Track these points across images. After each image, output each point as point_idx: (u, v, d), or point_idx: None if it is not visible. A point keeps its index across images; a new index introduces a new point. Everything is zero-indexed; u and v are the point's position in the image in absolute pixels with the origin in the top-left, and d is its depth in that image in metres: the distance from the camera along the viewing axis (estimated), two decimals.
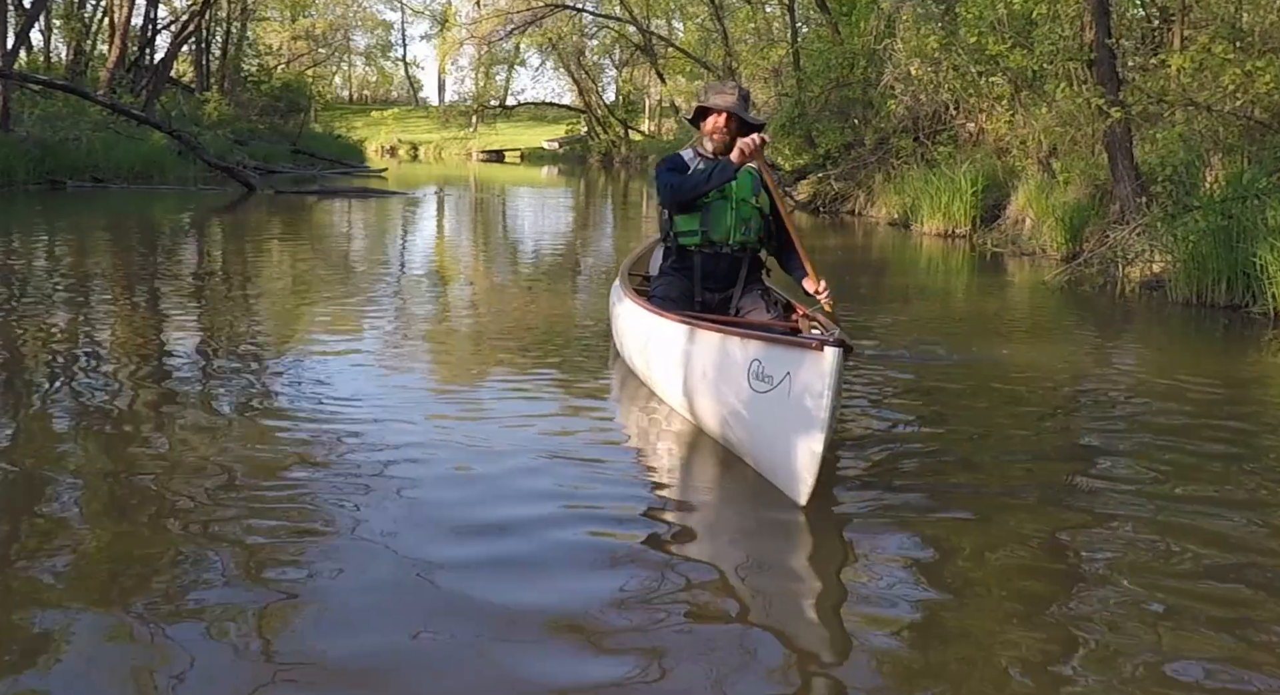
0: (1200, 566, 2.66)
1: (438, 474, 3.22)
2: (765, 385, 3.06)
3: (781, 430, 2.98)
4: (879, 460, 3.51)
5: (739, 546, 2.84)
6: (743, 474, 3.27)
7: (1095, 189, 9.73)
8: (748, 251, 4.33)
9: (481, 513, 2.92)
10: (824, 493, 3.12)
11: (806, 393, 2.87)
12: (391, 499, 2.98)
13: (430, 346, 5.42)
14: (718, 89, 4.38)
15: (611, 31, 37.61)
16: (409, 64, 68.55)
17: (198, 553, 2.58)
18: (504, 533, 2.78)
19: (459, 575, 2.50)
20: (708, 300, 4.33)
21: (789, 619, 2.38)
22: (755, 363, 3.13)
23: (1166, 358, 5.67)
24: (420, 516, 2.87)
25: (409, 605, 2.35)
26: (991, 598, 2.48)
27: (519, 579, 2.51)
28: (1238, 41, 9.16)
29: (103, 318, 5.92)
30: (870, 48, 15.30)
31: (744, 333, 3.36)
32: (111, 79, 22.86)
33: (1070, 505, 3.12)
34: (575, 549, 2.69)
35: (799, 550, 2.80)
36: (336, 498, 2.98)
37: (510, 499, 3.04)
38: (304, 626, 2.24)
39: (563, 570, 2.57)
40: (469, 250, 11.41)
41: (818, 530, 2.87)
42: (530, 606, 2.35)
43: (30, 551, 2.60)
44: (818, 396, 2.82)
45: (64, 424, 3.76)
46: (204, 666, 2.06)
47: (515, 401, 4.15)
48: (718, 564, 2.68)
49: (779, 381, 2.99)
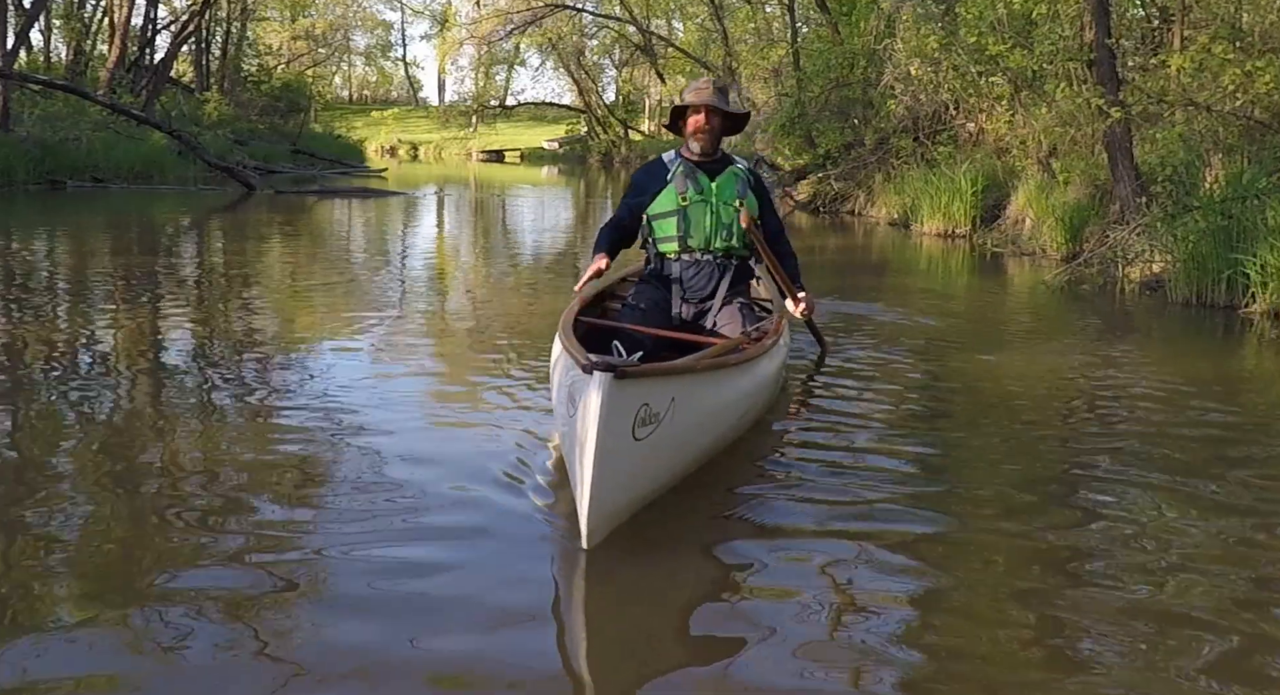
0: (1200, 567, 2.65)
1: (437, 473, 3.22)
2: (571, 409, 2.66)
3: (571, 461, 2.66)
4: (876, 460, 3.50)
5: (726, 551, 2.76)
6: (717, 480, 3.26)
7: (1095, 189, 9.73)
8: (731, 259, 4.10)
9: (481, 512, 2.91)
10: (817, 491, 3.13)
11: (584, 422, 2.47)
12: (392, 499, 2.98)
13: (430, 347, 5.42)
14: (692, 87, 4.16)
15: (611, 31, 37.63)
16: (409, 64, 68.67)
17: (197, 551, 2.58)
18: (504, 532, 2.77)
19: (459, 573, 2.50)
20: (684, 313, 4.08)
21: (789, 621, 2.36)
22: (571, 383, 2.72)
23: (1166, 358, 5.67)
24: (420, 516, 2.86)
25: (407, 604, 2.35)
26: (990, 598, 2.47)
27: (518, 579, 2.51)
28: (1238, 41, 9.15)
29: (102, 317, 5.92)
30: (870, 48, 15.29)
31: (569, 343, 2.99)
32: (111, 79, 22.85)
33: (1068, 506, 3.13)
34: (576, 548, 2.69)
35: (796, 550, 2.76)
36: (337, 497, 2.99)
37: (510, 499, 3.04)
38: (303, 624, 2.24)
39: (562, 571, 2.57)
40: (469, 250, 11.41)
41: (817, 532, 2.87)
42: (529, 605, 2.36)
43: (30, 551, 2.60)
44: (589, 429, 2.44)
45: (63, 423, 3.76)
46: (204, 664, 2.06)
47: (516, 401, 4.15)
48: (712, 570, 2.67)
49: (577, 406, 2.56)
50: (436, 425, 3.86)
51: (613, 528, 2.61)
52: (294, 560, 2.56)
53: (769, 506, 3.05)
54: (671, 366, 2.78)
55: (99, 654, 2.11)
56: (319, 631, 2.21)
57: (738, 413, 3.40)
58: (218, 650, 2.12)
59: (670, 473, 2.89)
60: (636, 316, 3.94)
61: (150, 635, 2.18)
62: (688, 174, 4.08)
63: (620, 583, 2.52)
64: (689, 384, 2.80)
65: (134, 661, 2.08)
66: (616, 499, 2.57)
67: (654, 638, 2.27)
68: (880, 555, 2.70)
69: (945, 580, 2.57)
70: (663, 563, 2.63)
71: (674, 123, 4.19)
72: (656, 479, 2.80)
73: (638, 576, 2.55)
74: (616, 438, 2.47)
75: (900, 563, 2.66)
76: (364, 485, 3.09)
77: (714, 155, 4.15)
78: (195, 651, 2.11)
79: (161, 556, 2.57)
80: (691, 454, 3.02)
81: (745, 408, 3.48)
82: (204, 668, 2.06)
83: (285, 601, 2.35)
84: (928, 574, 2.60)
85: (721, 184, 4.04)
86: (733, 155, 4.29)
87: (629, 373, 2.45)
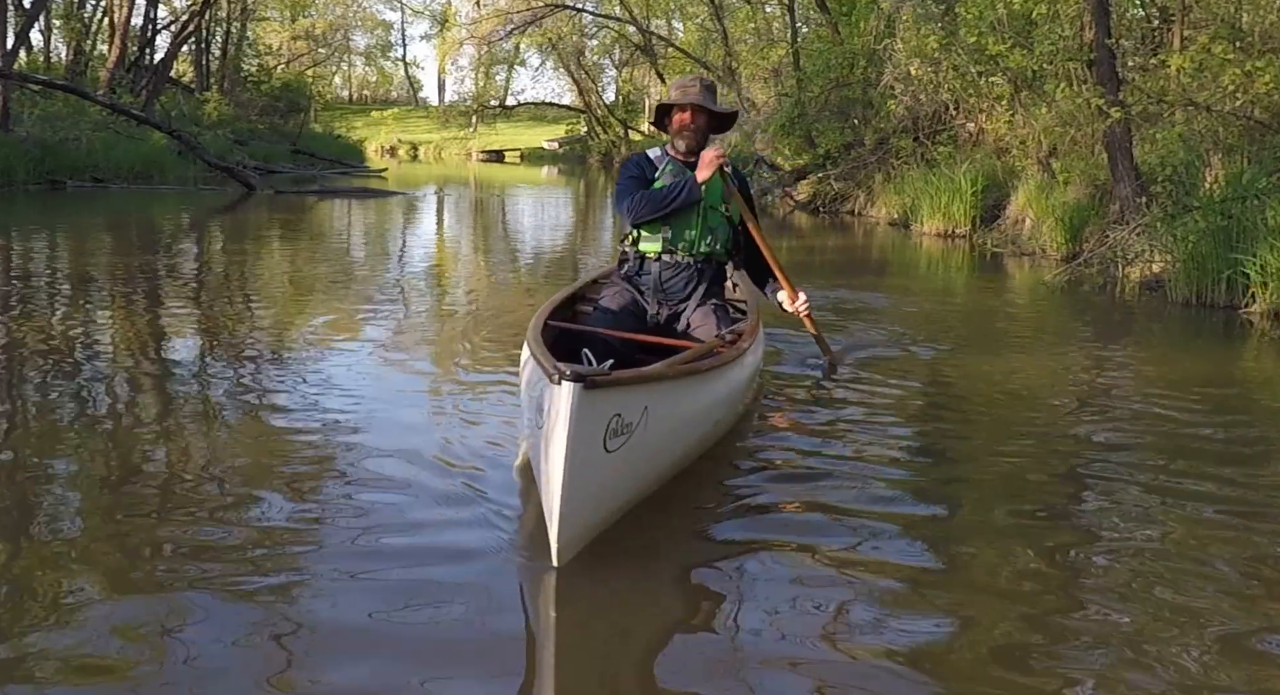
0: (1200, 568, 2.65)
1: (438, 473, 3.22)
2: (539, 420, 2.50)
3: (539, 474, 2.51)
4: (874, 460, 3.50)
5: (731, 550, 2.75)
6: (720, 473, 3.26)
7: (1095, 189, 9.73)
8: (711, 263, 4.05)
9: (481, 511, 2.91)
10: (812, 491, 3.13)
11: (552, 435, 2.34)
12: (392, 498, 2.98)
13: (430, 347, 5.42)
14: (679, 84, 4.11)
15: (611, 31, 37.59)
16: (409, 64, 68.72)
17: (196, 549, 2.58)
18: (501, 531, 2.77)
19: (456, 573, 2.50)
20: (659, 315, 4.00)
21: (770, 637, 2.31)
22: (539, 392, 2.57)
23: (1166, 358, 5.67)
24: (420, 515, 2.86)
25: (404, 605, 2.35)
26: (989, 598, 2.47)
27: (516, 578, 2.51)
28: (1238, 41, 9.16)
29: (102, 317, 5.92)
30: (870, 48, 15.30)
31: (538, 350, 2.81)
32: (111, 79, 22.86)
33: (1068, 506, 3.13)
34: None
35: (775, 563, 2.70)
36: (336, 495, 2.99)
37: (510, 498, 3.04)
38: (302, 621, 2.24)
39: (530, 589, 2.53)
40: (469, 250, 11.41)
41: (814, 531, 2.86)
42: (497, 627, 2.34)
43: (29, 550, 2.60)
44: (557, 442, 2.30)
45: (63, 422, 3.75)
46: (202, 662, 2.07)
47: (514, 401, 4.15)
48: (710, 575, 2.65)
49: (545, 417, 2.42)
50: (435, 425, 3.86)
51: (584, 544, 2.49)
52: (293, 555, 2.56)
53: (747, 516, 2.97)
54: (643, 374, 2.64)
55: (96, 648, 2.11)
56: (318, 629, 2.21)
57: (713, 419, 3.29)
58: (204, 645, 2.13)
59: (644, 484, 2.77)
60: (608, 320, 3.84)
61: (147, 628, 2.18)
62: (676, 173, 4.01)
63: (591, 601, 2.42)
64: (663, 392, 2.68)
65: (132, 656, 2.08)
66: (587, 515, 2.44)
67: (627, 659, 2.19)
68: (868, 569, 2.63)
69: (937, 593, 2.54)
70: (635, 577, 2.54)
71: (660, 120, 4.13)
72: (629, 492, 2.67)
73: (609, 594, 2.45)
74: (587, 450, 2.34)
75: (890, 575, 2.58)
76: (366, 484, 3.09)
77: (698, 156, 4.04)
78: (188, 645, 2.12)
79: (158, 553, 2.57)
80: (666, 464, 2.91)
81: (721, 413, 3.38)
82: (195, 661, 2.07)
83: (288, 601, 2.35)
84: (918, 588, 2.55)
85: (709, 186, 3.96)
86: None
87: (599, 382, 2.32)
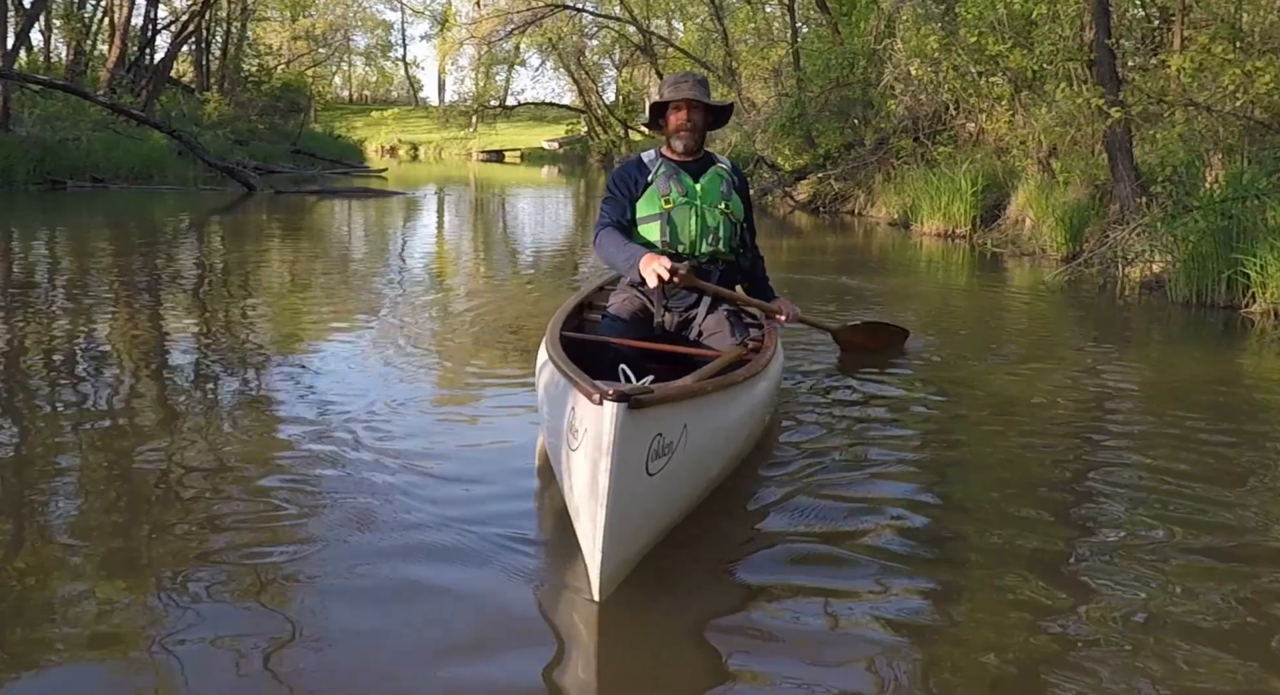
0: (1200, 569, 2.65)
1: (437, 473, 3.22)
2: (575, 439, 2.33)
3: (576, 500, 2.33)
4: (873, 459, 3.50)
5: (735, 566, 2.72)
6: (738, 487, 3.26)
7: (1095, 189, 9.73)
8: (718, 264, 3.87)
9: (480, 511, 2.91)
10: (810, 495, 3.12)
11: (592, 460, 2.20)
12: (391, 497, 2.98)
13: (430, 346, 5.41)
14: (670, 81, 3.92)
15: (611, 31, 37.60)
16: (409, 64, 68.79)
17: (194, 546, 2.59)
18: (502, 531, 2.78)
19: (455, 572, 2.51)
20: (667, 322, 3.82)
21: (789, 631, 2.35)
22: (572, 409, 2.40)
23: (1166, 358, 5.67)
24: (419, 516, 2.86)
25: (403, 604, 2.35)
26: (990, 598, 2.47)
27: (516, 577, 2.51)
28: (1238, 41, 9.16)
29: (102, 318, 5.92)
30: (870, 48, 15.31)
31: (566, 365, 2.65)
32: (111, 79, 22.88)
33: (1068, 507, 3.12)
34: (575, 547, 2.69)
35: (815, 580, 2.69)
36: (336, 495, 2.99)
37: (509, 498, 3.05)
38: (302, 619, 2.24)
39: (562, 568, 2.57)
40: (469, 250, 11.42)
41: (811, 530, 2.87)
42: (524, 603, 2.35)
43: (29, 550, 2.61)
44: (596, 463, 2.17)
45: (63, 421, 3.75)
46: (201, 660, 2.07)
47: (514, 401, 4.15)
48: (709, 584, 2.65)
49: (581, 436, 2.27)
50: (435, 425, 3.85)
51: (625, 575, 2.34)
52: (293, 554, 2.56)
53: (779, 532, 2.89)
54: (686, 389, 2.51)
55: (96, 647, 2.12)
56: (317, 628, 2.22)
57: (745, 433, 3.18)
58: (205, 643, 2.14)
59: (681, 507, 2.64)
60: (618, 328, 3.69)
61: (147, 628, 2.19)
62: (670, 175, 3.87)
63: (631, 627, 2.31)
64: (701, 407, 2.55)
65: (132, 656, 2.09)
66: (631, 545, 2.30)
67: (671, 688, 2.11)
68: (872, 555, 2.67)
69: (941, 581, 2.55)
70: (675, 602, 2.42)
71: (654, 120, 3.99)
72: (668, 516, 2.53)
73: (649, 620, 2.34)
74: (630, 476, 2.20)
75: (919, 593, 2.54)
76: (365, 483, 3.09)
77: (697, 154, 3.95)
78: (186, 643, 2.12)
79: (158, 552, 2.57)
80: (702, 484, 2.78)
81: (753, 426, 3.28)
82: (192, 658, 2.08)
83: (287, 599, 2.36)
84: (921, 577, 2.56)
85: (706, 185, 3.86)
86: (715, 155, 4.10)
87: (644, 401, 2.19)
